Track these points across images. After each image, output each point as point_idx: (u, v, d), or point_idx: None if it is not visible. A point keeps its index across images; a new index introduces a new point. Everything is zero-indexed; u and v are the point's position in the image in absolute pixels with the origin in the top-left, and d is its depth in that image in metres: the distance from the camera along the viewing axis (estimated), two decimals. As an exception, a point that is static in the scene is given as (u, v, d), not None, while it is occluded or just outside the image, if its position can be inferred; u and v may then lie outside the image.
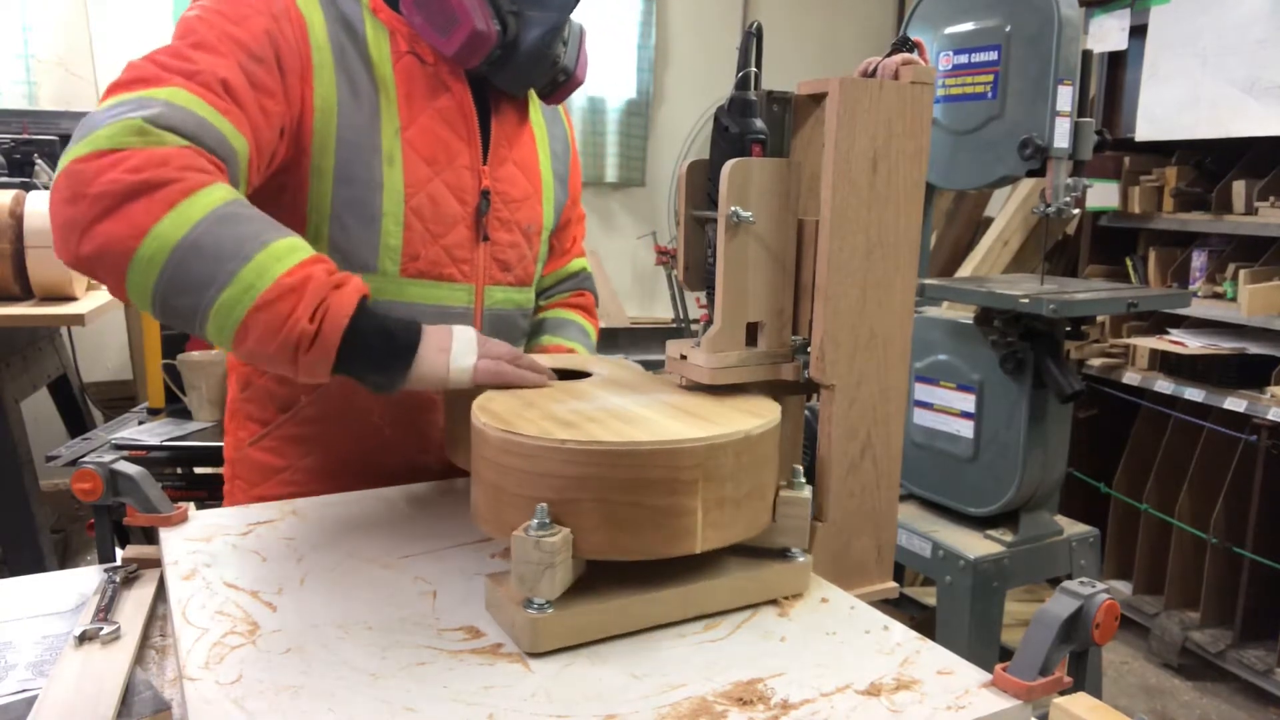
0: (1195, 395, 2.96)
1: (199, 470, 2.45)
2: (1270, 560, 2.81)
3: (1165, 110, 3.23)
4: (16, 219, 2.41)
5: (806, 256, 1.00)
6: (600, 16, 4.67)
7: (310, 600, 0.89)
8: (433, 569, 0.96)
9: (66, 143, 0.95)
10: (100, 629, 0.86)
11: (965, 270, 3.56)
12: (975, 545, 2.17)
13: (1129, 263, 3.51)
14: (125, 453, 2.25)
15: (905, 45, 1.08)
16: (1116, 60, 3.54)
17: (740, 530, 0.87)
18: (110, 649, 0.84)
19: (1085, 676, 0.80)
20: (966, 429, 2.23)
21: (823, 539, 1.01)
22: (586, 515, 0.80)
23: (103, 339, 3.95)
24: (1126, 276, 3.50)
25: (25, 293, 2.49)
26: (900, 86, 0.98)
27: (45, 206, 2.45)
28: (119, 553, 1.05)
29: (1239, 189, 3.09)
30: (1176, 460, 3.16)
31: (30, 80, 3.76)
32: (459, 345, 1.02)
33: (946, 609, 2.19)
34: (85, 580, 1.02)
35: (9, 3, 3.71)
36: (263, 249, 0.94)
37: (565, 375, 1.10)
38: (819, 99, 1.01)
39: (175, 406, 2.58)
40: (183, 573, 0.94)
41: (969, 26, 2.14)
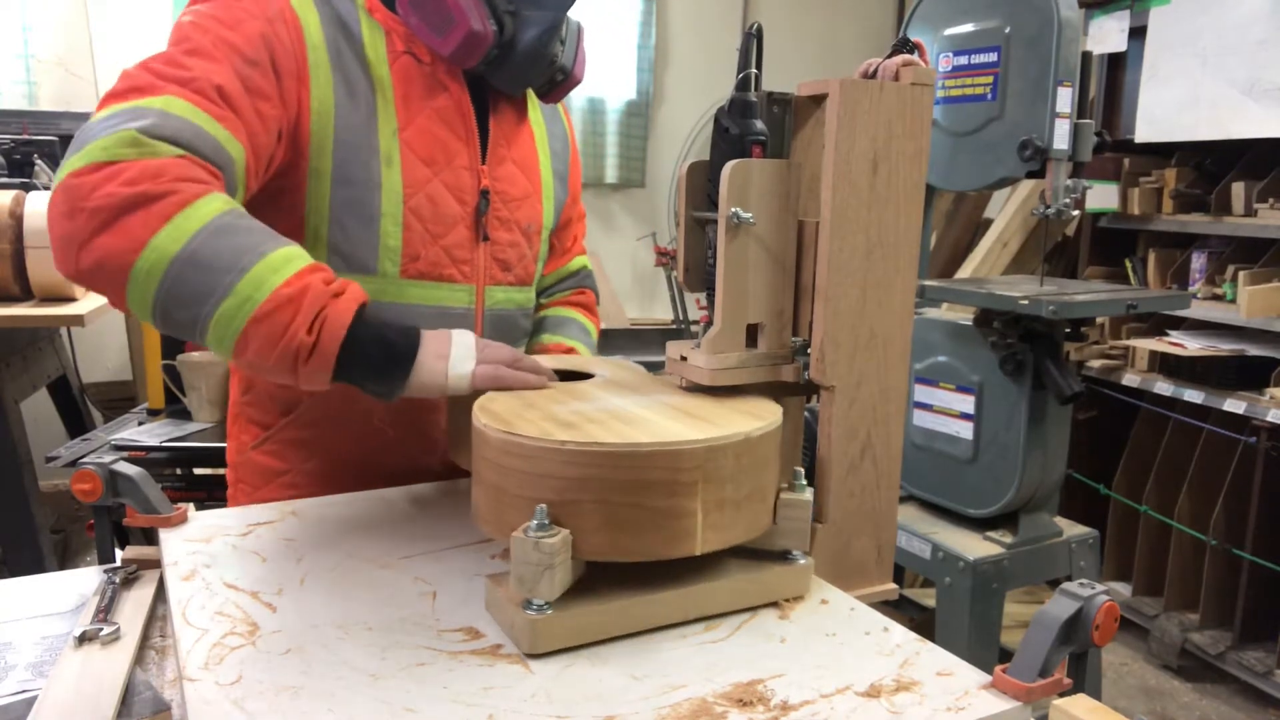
0: (1195, 397, 2.96)
1: (199, 471, 2.45)
2: (1270, 562, 2.81)
3: (1165, 111, 3.23)
4: (16, 219, 2.41)
5: (806, 258, 1.00)
6: (600, 16, 4.67)
7: (310, 601, 0.89)
8: (433, 569, 0.96)
9: (66, 143, 0.95)
10: (100, 629, 0.86)
11: (965, 272, 3.56)
12: (975, 547, 2.17)
13: (1128, 264, 3.51)
14: (125, 453, 2.25)
15: (905, 46, 1.08)
16: (1116, 61, 3.54)
17: (740, 532, 0.87)
18: (110, 649, 0.84)
19: (1085, 678, 0.80)
20: (966, 430, 2.23)
21: (823, 540, 1.01)
22: (586, 516, 0.80)
23: (103, 339, 3.95)
24: (1126, 278, 3.50)
25: (25, 293, 2.48)
26: (900, 88, 0.98)
27: (45, 207, 2.44)
28: (119, 553, 1.05)
29: (1238, 190, 3.09)
30: (1176, 462, 3.16)
31: (30, 80, 3.76)
32: (457, 351, 1.02)
33: (946, 610, 2.19)
34: (85, 581, 1.02)
35: (9, 3, 3.71)
36: (259, 260, 0.94)
37: (567, 376, 1.10)
38: (819, 100, 1.01)
39: (175, 407, 2.58)
40: (182, 573, 0.94)
41: (969, 28, 2.14)
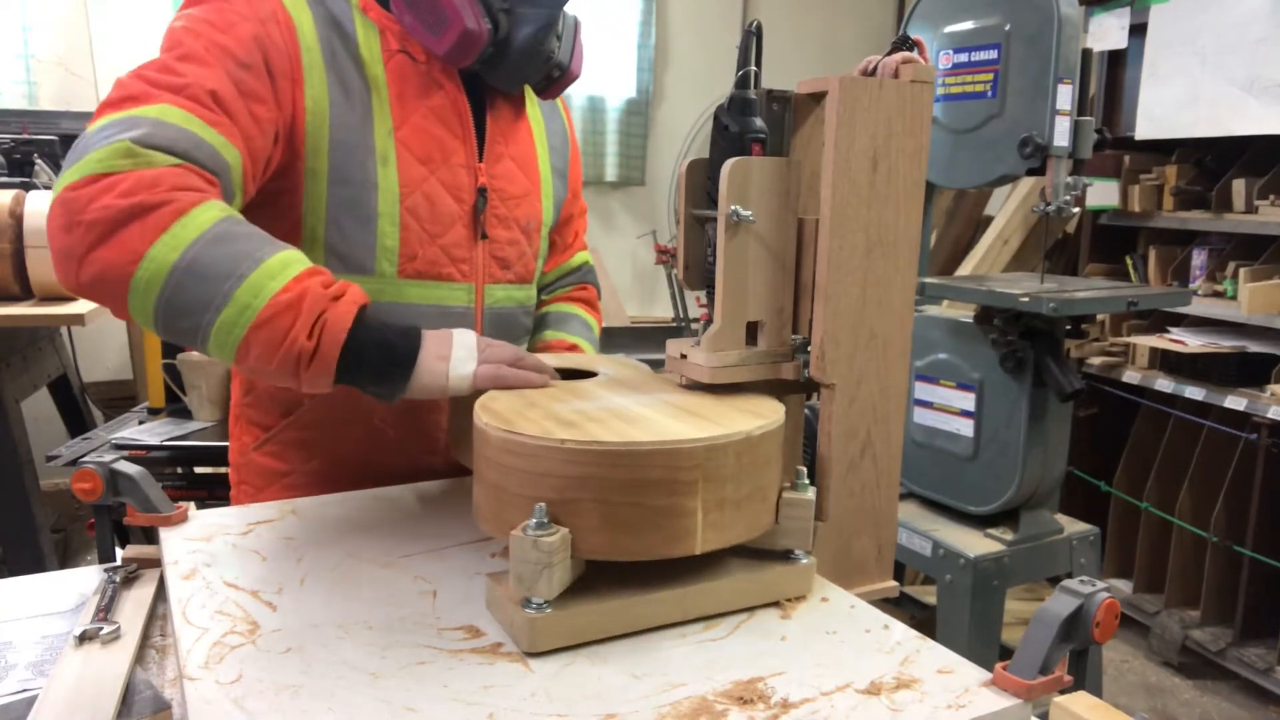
0: (1195, 394, 2.96)
1: (199, 470, 2.45)
2: (1270, 559, 2.81)
3: (1165, 109, 3.23)
4: (16, 219, 2.41)
5: (806, 255, 1.00)
6: (600, 16, 4.67)
7: (310, 600, 0.89)
8: (433, 568, 0.96)
9: (66, 143, 0.95)
10: (100, 629, 0.86)
11: (965, 269, 3.55)
12: (975, 544, 2.17)
13: (1129, 261, 3.51)
14: (125, 453, 2.25)
15: (905, 44, 1.08)
16: (1116, 59, 3.54)
17: (741, 531, 0.87)
18: (110, 649, 0.84)
19: (1085, 675, 0.80)
20: (966, 428, 2.23)
21: (823, 538, 1.01)
22: (586, 515, 0.80)
23: (103, 339, 3.95)
24: (1126, 275, 3.50)
25: (25, 293, 2.48)
26: (900, 85, 0.98)
27: (45, 206, 2.44)
28: (119, 553, 1.05)
29: (1239, 187, 3.09)
30: (1177, 459, 3.16)
31: (30, 80, 3.76)
32: (459, 352, 1.02)
33: (947, 608, 2.19)
34: (85, 580, 1.02)
35: (9, 3, 3.70)
36: (257, 267, 0.94)
37: (571, 375, 1.10)
38: (819, 98, 1.01)
39: (175, 406, 2.59)
40: (183, 572, 0.94)
41: (969, 25, 2.14)
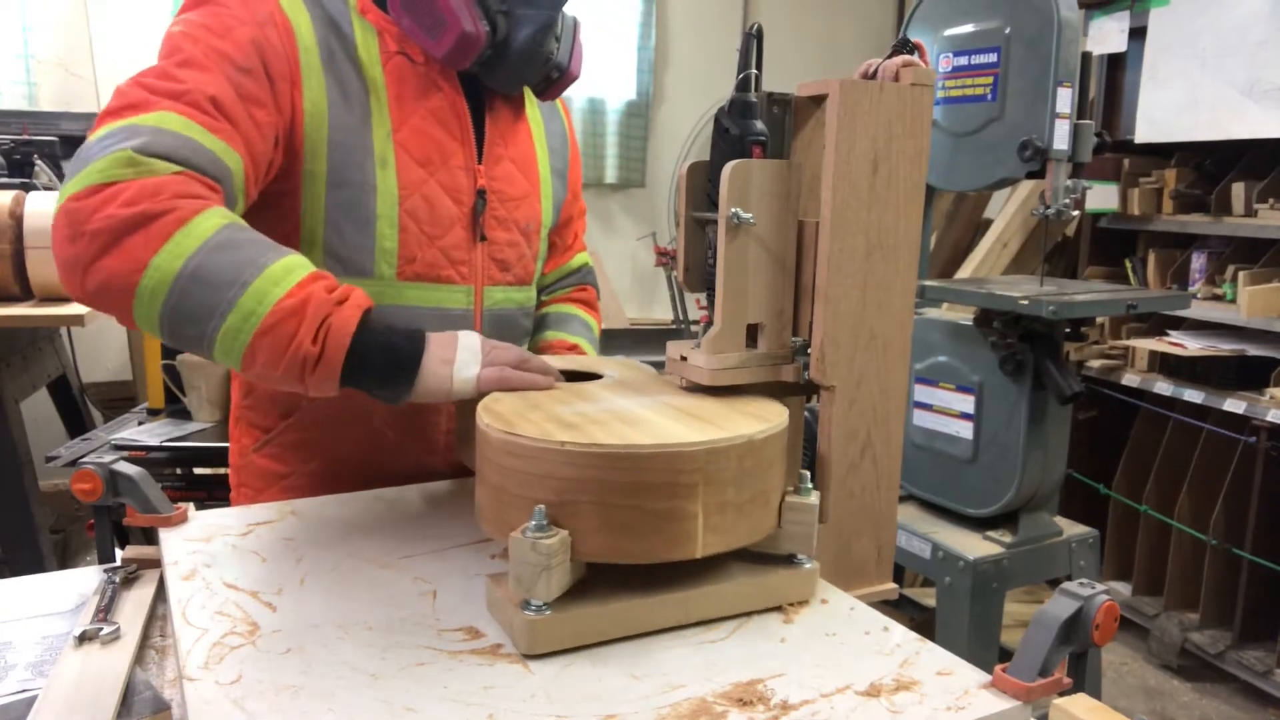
0: (1195, 397, 2.96)
1: (199, 470, 2.45)
2: (1269, 561, 2.81)
3: (1164, 112, 3.23)
4: (16, 219, 2.41)
5: (806, 258, 1.00)
6: (600, 17, 4.67)
7: (310, 600, 0.89)
8: (433, 569, 0.96)
9: (67, 143, 0.96)
10: (100, 629, 0.86)
11: (965, 272, 3.56)
12: (975, 546, 2.17)
13: (1128, 264, 3.51)
14: (125, 453, 2.25)
15: (905, 47, 1.08)
16: (1116, 62, 3.54)
17: (743, 535, 0.86)
18: (110, 649, 0.84)
19: (1085, 677, 0.80)
20: (966, 430, 2.23)
21: (823, 540, 1.01)
22: (585, 517, 0.80)
23: (103, 339, 3.95)
24: (1126, 278, 3.50)
25: (25, 293, 2.48)
26: (900, 88, 0.98)
27: (45, 206, 2.45)
28: (119, 553, 1.05)
29: (1238, 191, 3.09)
30: (1176, 461, 3.16)
31: (30, 80, 3.76)
32: (463, 356, 1.02)
33: (946, 610, 2.19)
34: (85, 580, 1.02)
35: (9, 3, 3.70)
36: (260, 274, 0.94)
37: (577, 377, 1.10)
38: (819, 101, 1.01)
39: (175, 407, 2.59)
40: (183, 573, 0.94)
41: (969, 28, 2.14)
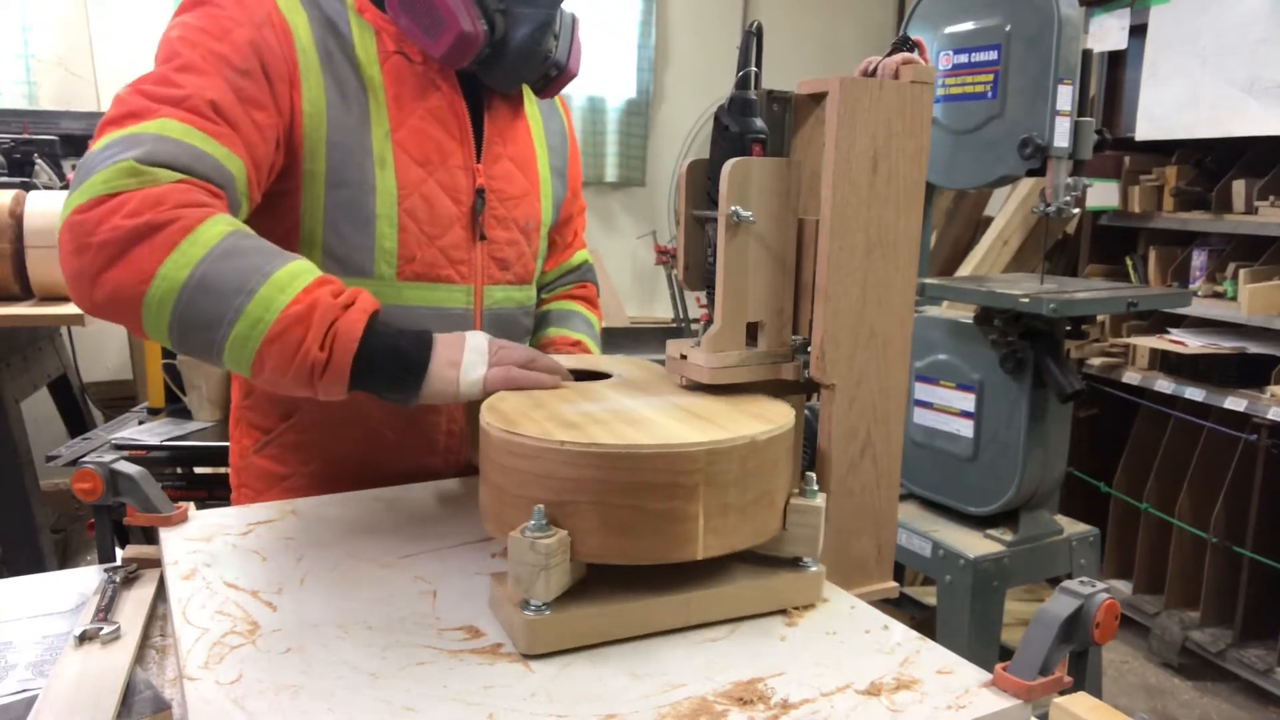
0: (1195, 395, 2.96)
1: (199, 470, 2.45)
2: (1270, 559, 2.81)
3: (1165, 110, 3.23)
4: (16, 219, 2.41)
5: (806, 256, 1.00)
6: (600, 16, 4.67)
7: (310, 600, 0.89)
8: (433, 568, 0.96)
9: (67, 143, 0.96)
10: (100, 629, 0.86)
11: (965, 269, 3.56)
12: (975, 545, 2.17)
13: (1129, 262, 3.51)
14: (125, 453, 2.25)
15: (905, 45, 1.08)
16: (1116, 60, 3.54)
17: (746, 537, 0.86)
18: (110, 649, 0.84)
19: (1085, 676, 0.80)
20: (966, 428, 2.23)
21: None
22: (585, 518, 0.80)
23: (103, 339, 3.95)
24: (1126, 276, 3.50)
25: (25, 293, 2.48)
26: (900, 86, 0.98)
27: (45, 206, 2.45)
28: (119, 553, 1.05)
29: (1239, 188, 3.09)
30: (1177, 459, 3.16)
31: (30, 80, 3.76)
32: (470, 357, 1.02)
33: (946, 608, 2.19)
34: (85, 580, 1.02)
35: (9, 3, 3.70)
36: (266, 280, 0.94)
37: (586, 376, 1.10)
38: (819, 98, 1.01)
39: (175, 406, 2.59)
40: (183, 572, 0.94)
41: (969, 26, 2.14)
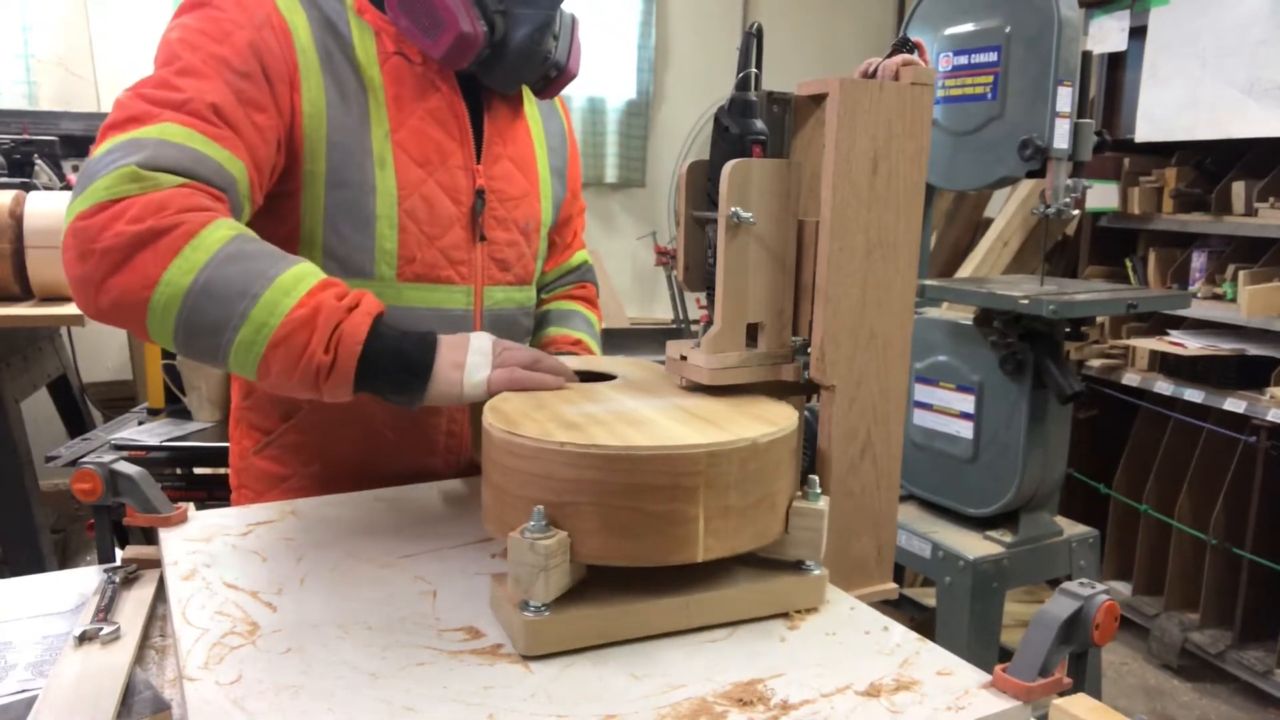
0: (1195, 396, 2.96)
1: (199, 470, 2.45)
2: (1270, 561, 2.81)
3: (1165, 111, 3.23)
4: (16, 219, 2.41)
5: (806, 257, 1.00)
6: (600, 16, 4.67)
7: (310, 600, 0.89)
8: (433, 569, 0.96)
9: (67, 143, 0.96)
10: (100, 629, 0.86)
11: (965, 271, 3.55)
12: (975, 546, 2.17)
13: (1129, 264, 3.51)
14: (125, 453, 2.25)
15: (905, 46, 1.08)
16: (1116, 61, 3.54)
17: (747, 540, 0.85)
18: (110, 649, 0.84)
19: (1085, 677, 0.80)
20: (966, 430, 2.23)
21: (822, 539, 1.01)
22: (584, 519, 0.80)
23: (103, 339, 3.95)
24: (1126, 277, 3.50)
25: (25, 293, 2.48)
26: (900, 87, 0.98)
27: (45, 206, 2.45)
28: (119, 553, 1.05)
29: (1239, 190, 3.09)
30: (1176, 461, 3.16)
31: (30, 80, 3.76)
32: (474, 359, 1.02)
33: (946, 610, 2.19)
34: (85, 580, 1.02)
35: (9, 3, 3.70)
36: (270, 284, 0.94)
37: (592, 377, 1.09)
38: (819, 100, 1.01)
39: (175, 407, 2.59)
40: (182, 573, 0.94)
41: (969, 27, 2.14)
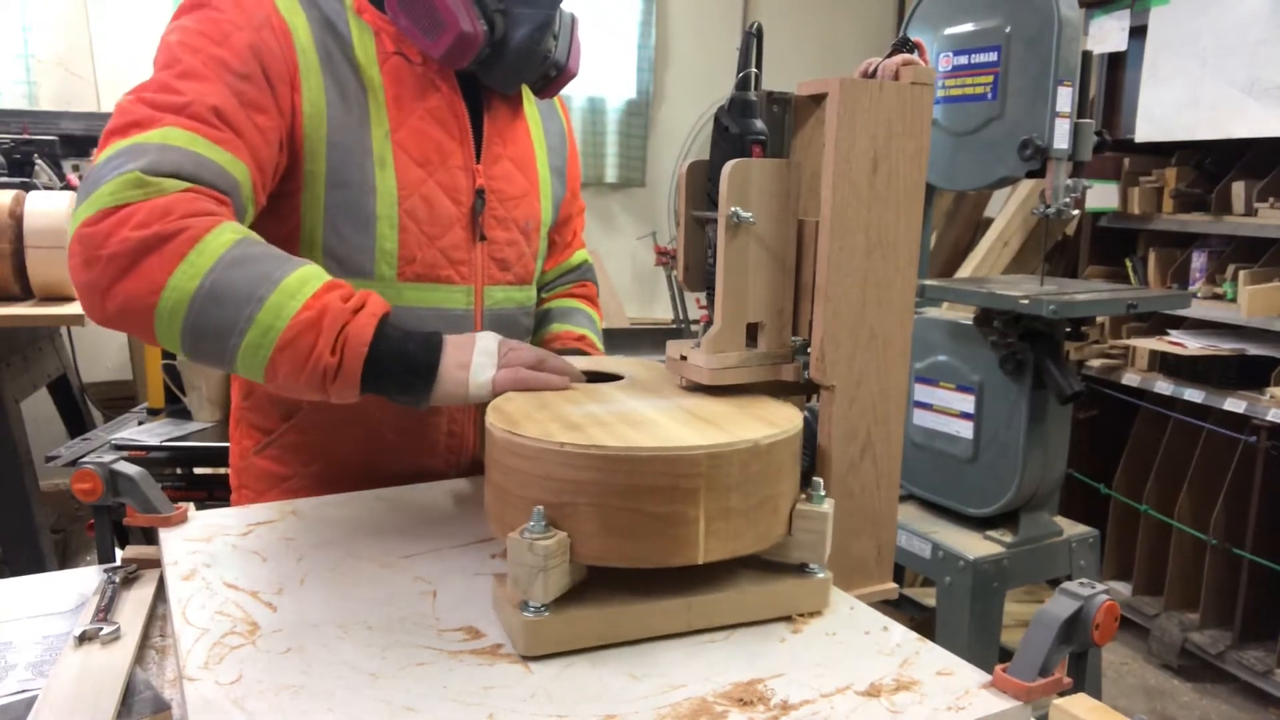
0: (1195, 396, 2.96)
1: (199, 470, 2.45)
2: (1270, 561, 2.81)
3: (1165, 111, 3.23)
4: (16, 219, 2.41)
5: (806, 257, 1.00)
6: (600, 16, 4.67)
7: (310, 600, 0.89)
8: (433, 569, 0.96)
9: (67, 143, 0.96)
10: (100, 629, 0.86)
11: (965, 271, 3.55)
12: (975, 546, 2.17)
13: (1129, 264, 3.51)
14: (125, 453, 2.25)
15: (905, 46, 1.08)
16: (1116, 61, 3.54)
17: (749, 542, 0.85)
18: (110, 649, 0.84)
19: (1085, 677, 0.80)
20: (966, 430, 2.23)
21: (822, 539, 1.01)
22: (585, 519, 0.80)
23: (103, 339, 3.95)
24: (1126, 277, 3.50)
25: (25, 293, 2.48)
26: (900, 87, 0.98)
27: (45, 206, 2.45)
28: (119, 553, 1.05)
29: (1238, 190, 3.09)
30: (1176, 461, 3.16)
31: (30, 80, 3.76)
32: (479, 359, 1.02)
33: (946, 610, 2.19)
34: (85, 580, 1.02)
35: (9, 3, 3.70)
36: (276, 288, 0.95)
37: (597, 377, 1.09)
38: (819, 99, 1.01)
39: (175, 406, 2.59)
40: (182, 573, 0.94)
41: (969, 27, 2.14)
